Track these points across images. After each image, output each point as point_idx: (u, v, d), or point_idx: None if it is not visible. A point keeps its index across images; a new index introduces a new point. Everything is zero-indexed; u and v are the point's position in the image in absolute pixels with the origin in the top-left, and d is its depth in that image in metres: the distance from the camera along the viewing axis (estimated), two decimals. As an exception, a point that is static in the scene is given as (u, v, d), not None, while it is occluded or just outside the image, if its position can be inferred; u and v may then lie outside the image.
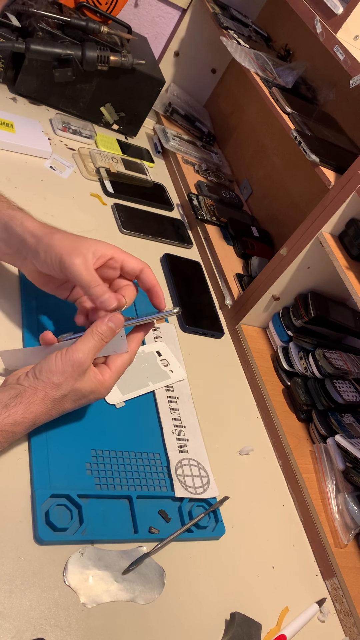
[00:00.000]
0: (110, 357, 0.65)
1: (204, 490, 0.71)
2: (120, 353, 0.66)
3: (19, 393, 0.59)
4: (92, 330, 0.63)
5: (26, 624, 0.52)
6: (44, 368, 0.60)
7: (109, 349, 0.65)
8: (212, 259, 1.12)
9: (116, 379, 0.66)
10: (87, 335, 0.62)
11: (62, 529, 0.59)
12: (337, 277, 0.85)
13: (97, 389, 0.63)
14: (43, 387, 0.59)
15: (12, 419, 0.57)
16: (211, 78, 1.50)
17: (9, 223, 0.69)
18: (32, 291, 0.79)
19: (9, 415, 0.57)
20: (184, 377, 0.84)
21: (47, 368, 0.60)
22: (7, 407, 0.57)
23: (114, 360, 0.65)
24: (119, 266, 0.70)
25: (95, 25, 1.11)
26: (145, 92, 1.23)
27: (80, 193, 1.05)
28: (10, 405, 0.58)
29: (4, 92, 1.15)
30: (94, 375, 0.63)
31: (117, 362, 0.65)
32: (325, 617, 0.71)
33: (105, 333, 0.63)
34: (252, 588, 0.68)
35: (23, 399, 0.58)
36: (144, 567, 0.61)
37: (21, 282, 0.79)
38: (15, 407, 0.58)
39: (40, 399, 0.59)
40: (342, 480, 0.82)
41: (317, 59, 1.20)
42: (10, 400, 0.58)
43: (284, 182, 1.24)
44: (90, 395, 0.63)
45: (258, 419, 0.90)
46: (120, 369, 0.66)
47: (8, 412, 0.57)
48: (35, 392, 0.59)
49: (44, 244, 0.67)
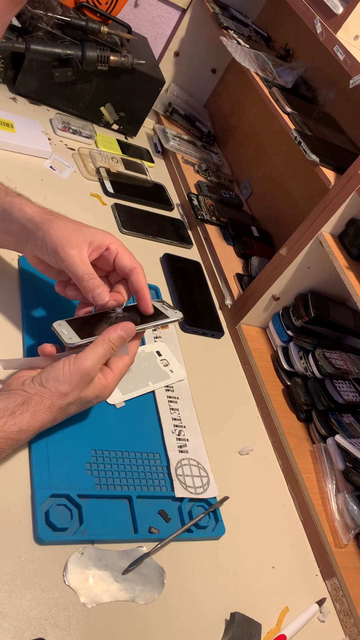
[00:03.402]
0: (112, 360, 0.65)
1: (204, 490, 0.71)
2: (121, 356, 0.65)
3: (25, 400, 0.58)
4: (104, 339, 0.62)
5: (26, 624, 0.52)
6: (50, 376, 0.59)
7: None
8: (212, 259, 1.12)
9: (118, 381, 0.65)
10: (98, 344, 0.61)
11: (62, 529, 0.59)
12: (337, 277, 0.85)
13: (101, 393, 0.63)
14: (50, 395, 0.58)
15: (17, 427, 0.56)
16: (211, 78, 1.50)
17: (7, 210, 0.68)
18: (32, 291, 0.79)
19: (15, 423, 0.56)
20: (184, 377, 0.84)
21: (54, 376, 0.59)
22: (13, 415, 0.56)
23: (116, 363, 0.65)
24: (113, 259, 0.68)
25: (95, 25, 1.11)
26: (145, 92, 1.23)
27: (80, 193, 1.05)
28: (16, 413, 0.57)
29: (4, 92, 1.15)
30: (98, 380, 0.62)
31: (120, 364, 0.65)
32: (325, 617, 0.71)
33: (115, 342, 0.62)
34: (252, 588, 0.68)
35: (30, 407, 0.57)
36: (144, 567, 0.61)
37: (21, 282, 0.79)
38: (22, 415, 0.57)
39: (46, 407, 0.58)
40: (342, 480, 0.82)
41: (317, 59, 1.20)
42: (17, 408, 0.57)
43: (284, 182, 1.24)
44: (95, 400, 0.63)
45: (258, 419, 0.90)
46: (122, 371, 0.65)
47: (14, 419, 0.56)
48: (41, 400, 0.58)
49: (42, 232, 0.65)
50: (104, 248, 0.67)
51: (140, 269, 0.69)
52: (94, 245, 0.67)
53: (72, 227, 0.66)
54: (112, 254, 0.68)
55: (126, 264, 0.68)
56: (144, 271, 0.69)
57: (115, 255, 0.68)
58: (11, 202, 0.68)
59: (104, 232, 0.68)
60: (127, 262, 0.68)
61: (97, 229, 0.68)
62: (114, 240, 0.68)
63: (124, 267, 0.68)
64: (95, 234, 0.67)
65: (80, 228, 0.67)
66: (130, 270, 0.68)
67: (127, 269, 0.68)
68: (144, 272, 0.69)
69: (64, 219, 0.68)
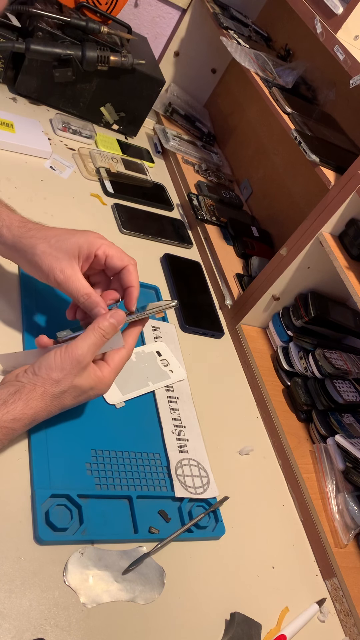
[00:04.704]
0: (108, 354, 0.65)
1: (204, 490, 0.71)
2: (118, 349, 0.66)
3: (18, 389, 0.59)
4: (94, 327, 0.62)
5: (26, 624, 0.52)
6: (43, 364, 0.60)
7: (105, 345, 0.65)
8: (212, 259, 1.12)
9: (115, 374, 0.65)
10: (88, 332, 0.62)
11: (62, 529, 0.59)
12: (337, 277, 0.85)
13: (96, 385, 0.63)
14: (42, 383, 0.59)
15: (11, 415, 0.57)
16: (211, 78, 1.50)
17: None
18: (32, 291, 0.79)
19: (8, 411, 0.57)
20: (184, 377, 0.84)
21: (46, 364, 0.60)
22: (5, 404, 0.57)
23: (112, 357, 0.65)
24: (103, 262, 0.69)
25: (95, 25, 1.11)
26: (145, 92, 1.23)
27: (80, 193, 1.05)
28: (9, 402, 0.57)
29: (4, 92, 1.15)
30: (93, 371, 0.63)
31: (116, 358, 0.65)
32: (325, 617, 0.71)
33: (106, 329, 0.63)
34: (252, 588, 0.68)
35: (22, 395, 0.58)
36: (144, 567, 0.61)
37: (21, 282, 0.79)
38: (14, 403, 0.58)
39: (39, 394, 0.59)
40: (342, 480, 0.82)
41: (317, 59, 1.20)
42: (9, 397, 0.58)
43: (284, 182, 1.24)
44: (90, 392, 0.63)
45: (258, 419, 0.90)
46: (118, 364, 0.65)
47: (7, 408, 0.57)
48: (34, 388, 0.59)
49: (28, 260, 0.67)
50: (92, 257, 0.68)
51: (131, 265, 0.69)
52: (83, 257, 0.67)
53: (56, 245, 0.67)
54: (102, 259, 0.68)
55: (116, 265, 0.69)
56: (136, 266, 0.69)
57: (104, 259, 0.68)
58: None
59: (89, 238, 0.68)
60: (117, 262, 0.69)
61: (81, 235, 0.68)
62: (100, 244, 0.68)
63: (115, 267, 0.69)
64: (80, 243, 0.67)
65: (64, 241, 0.67)
66: (121, 269, 0.69)
67: (118, 268, 0.69)
68: (135, 268, 0.69)
69: (44, 237, 0.67)
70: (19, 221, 0.69)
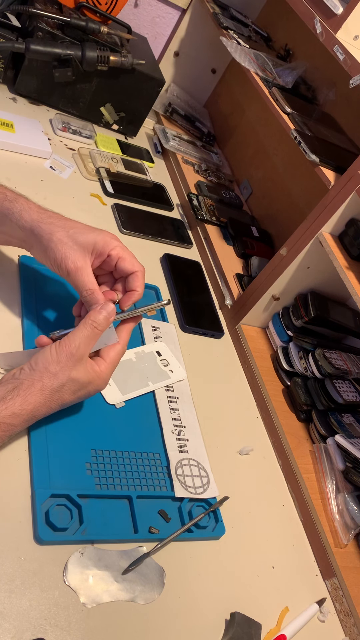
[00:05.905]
0: (104, 349, 0.66)
1: (203, 490, 0.71)
2: (112, 344, 0.67)
3: (16, 386, 0.59)
4: (86, 321, 0.63)
5: (26, 624, 0.52)
6: (39, 360, 0.61)
7: (100, 342, 0.65)
8: (212, 259, 1.12)
9: (112, 369, 0.66)
10: (81, 326, 0.63)
11: (62, 529, 0.59)
12: (337, 277, 0.85)
13: (94, 380, 0.64)
14: (40, 377, 0.60)
15: (10, 411, 0.57)
16: (211, 78, 1.50)
17: (8, 216, 0.69)
18: (32, 291, 0.79)
19: (7, 407, 0.57)
20: (184, 377, 0.84)
21: (42, 359, 0.61)
22: (4, 400, 0.58)
23: (108, 352, 0.66)
24: (115, 263, 0.70)
25: (95, 26, 1.11)
26: (145, 92, 1.23)
27: (80, 193, 1.05)
28: (7, 398, 0.58)
29: (4, 92, 1.15)
30: (90, 366, 0.63)
31: (111, 353, 0.66)
32: (325, 617, 0.71)
33: (98, 321, 0.64)
34: (252, 588, 0.68)
35: (20, 391, 0.59)
36: (144, 567, 0.61)
37: (21, 282, 0.79)
38: (13, 399, 0.58)
39: (37, 389, 0.59)
40: (342, 480, 0.82)
41: (317, 59, 1.20)
42: (7, 394, 0.58)
43: (284, 182, 1.24)
44: (89, 386, 0.64)
45: (258, 419, 0.90)
46: (114, 359, 0.66)
47: (5, 404, 0.57)
48: (32, 383, 0.59)
49: (44, 245, 0.67)
50: (106, 255, 0.69)
51: (140, 272, 0.70)
52: (96, 253, 0.68)
53: (73, 236, 0.68)
54: (114, 260, 0.69)
55: (127, 268, 0.70)
56: (144, 274, 0.71)
57: (116, 260, 0.69)
58: (10, 209, 0.69)
59: (105, 237, 0.69)
60: (128, 266, 0.69)
61: (98, 233, 0.69)
62: (115, 245, 0.69)
63: (125, 271, 0.70)
64: (97, 240, 0.68)
65: (81, 234, 0.68)
66: (130, 274, 0.70)
67: (128, 273, 0.70)
68: (143, 275, 0.70)
69: (63, 226, 0.69)
70: (38, 207, 0.71)
